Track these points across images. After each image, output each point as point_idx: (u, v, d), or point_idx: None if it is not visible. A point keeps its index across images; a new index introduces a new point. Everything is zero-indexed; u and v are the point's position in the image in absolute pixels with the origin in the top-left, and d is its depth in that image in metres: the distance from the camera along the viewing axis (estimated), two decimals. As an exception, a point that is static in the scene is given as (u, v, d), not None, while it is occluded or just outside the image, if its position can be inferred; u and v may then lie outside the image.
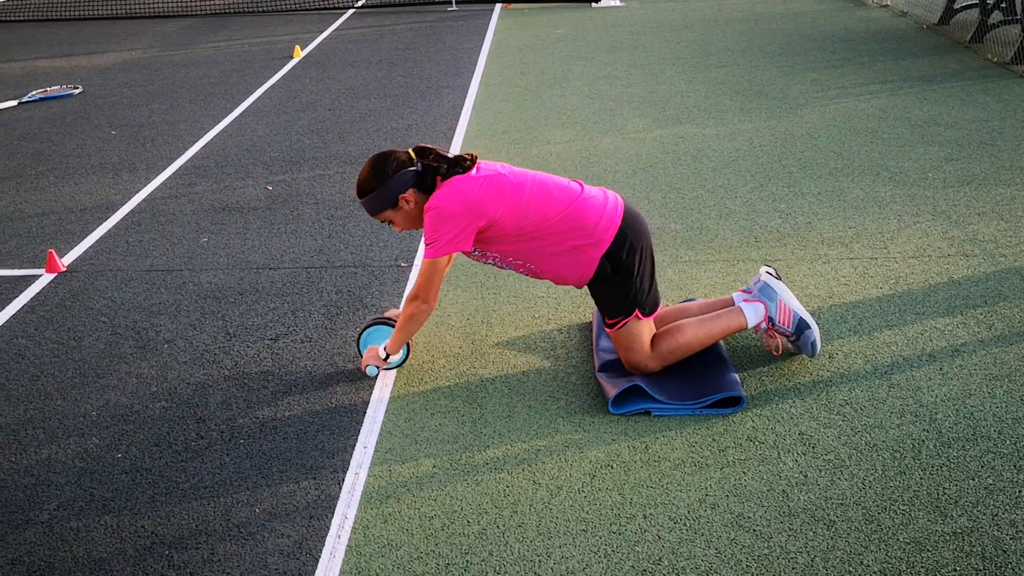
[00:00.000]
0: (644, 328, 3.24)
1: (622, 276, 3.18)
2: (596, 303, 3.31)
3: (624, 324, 3.22)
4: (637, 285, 3.20)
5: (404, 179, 3.14)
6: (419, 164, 3.16)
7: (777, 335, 3.32)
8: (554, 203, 3.17)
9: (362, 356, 3.44)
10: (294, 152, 6.08)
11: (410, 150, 3.19)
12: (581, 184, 3.27)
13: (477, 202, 3.10)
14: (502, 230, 3.16)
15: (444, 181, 3.15)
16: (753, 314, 3.29)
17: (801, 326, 3.26)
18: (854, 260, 4.14)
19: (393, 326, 3.39)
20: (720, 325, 3.29)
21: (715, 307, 3.47)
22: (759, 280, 3.45)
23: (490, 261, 3.32)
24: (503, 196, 3.13)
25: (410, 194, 3.16)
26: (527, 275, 3.36)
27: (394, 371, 3.45)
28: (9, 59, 9.55)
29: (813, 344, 3.27)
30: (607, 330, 3.28)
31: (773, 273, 3.40)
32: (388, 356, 3.34)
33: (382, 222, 3.28)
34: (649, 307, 3.25)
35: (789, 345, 3.37)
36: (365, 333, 3.45)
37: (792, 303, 3.28)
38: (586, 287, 3.30)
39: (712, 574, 2.45)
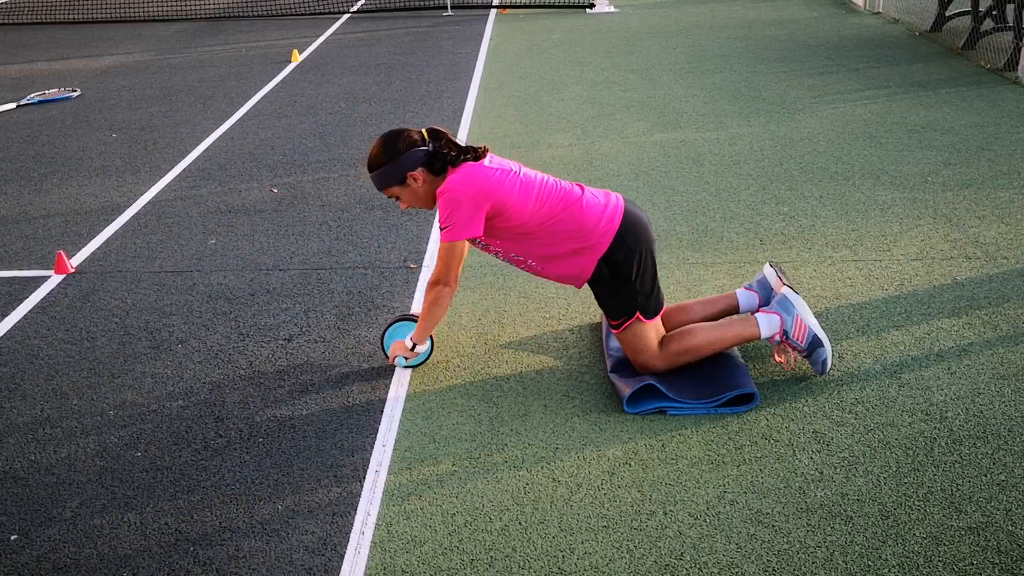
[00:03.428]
0: (648, 330, 3.27)
1: (620, 279, 3.22)
2: (599, 304, 3.35)
3: (627, 326, 3.25)
4: (636, 287, 3.22)
5: (414, 158, 3.18)
6: (431, 145, 3.20)
7: (790, 349, 3.34)
8: (556, 204, 3.20)
9: (387, 353, 3.48)
10: (297, 155, 6.10)
11: (423, 130, 3.23)
12: (583, 187, 3.30)
13: (488, 188, 3.14)
14: (508, 222, 3.19)
15: (456, 167, 3.19)
16: (767, 326, 3.30)
17: (815, 344, 3.26)
18: (859, 262, 4.20)
19: (415, 321, 3.43)
20: (732, 333, 3.32)
21: (717, 304, 3.51)
22: (762, 277, 3.49)
23: (493, 253, 3.37)
24: (513, 188, 3.17)
25: (419, 173, 3.20)
26: (529, 272, 3.39)
27: (408, 370, 3.48)
28: (6, 62, 9.53)
29: (824, 362, 3.27)
30: (613, 331, 3.32)
31: (779, 273, 3.43)
32: (415, 346, 3.38)
33: (388, 197, 3.33)
34: (651, 310, 3.27)
35: (799, 359, 3.39)
36: (389, 330, 3.49)
37: (809, 319, 3.28)
38: (588, 287, 3.35)
39: (733, 568, 2.50)
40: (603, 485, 2.84)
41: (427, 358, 3.50)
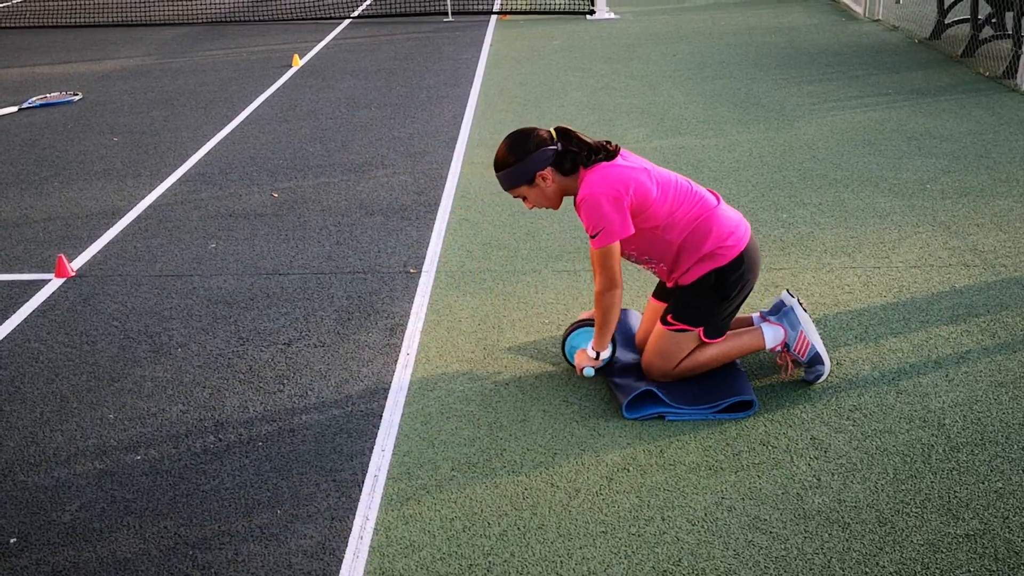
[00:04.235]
0: (690, 346, 3.26)
1: (718, 294, 3.19)
2: (672, 297, 3.29)
3: (680, 331, 3.23)
4: (720, 309, 3.21)
5: (543, 157, 3.13)
6: (560, 144, 3.16)
7: (788, 359, 3.36)
8: (694, 207, 3.17)
9: (571, 363, 3.48)
10: (298, 160, 6.11)
11: (551, 130, 3.18)
12: (718, 197, 3.28)
13: (627, 185, 3.08)
14: (647, 222, 3.14)
15: (588, 168, 3.14)
16: (772, 337, 3.32)
17: (814, 360, 3.29)
18: (857, 269, 4.21)
19: (590, 326, 3.41)
20: (739, 345, 3.32)
21: (736, 325, 3.50)
22: (780, 303, 3.48)
23: (626, 256, 3.31)
24: (652, 186, 3.12)
25: (548, 172, 3.14)
26: (656, 273, 3.34)
27: (408, 375, 3.49)
28: (8, 65, 9.55)
29: (818, 377, 3.32)
30: (659, 324, 3.28)
31: (797, 300, 3.42)
32: (599, 355, 3.35)
33: (515, 197, 3.28)
34: (712, 333, 3.26)
35: (798, 369, 3.41)
36: (568, 341, 3.47)
37: (812, 336, 3.29)
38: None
39: (731, 574, 2.50)
40: (601, 491, 2.85)
41: (611, 359, 3.46)
